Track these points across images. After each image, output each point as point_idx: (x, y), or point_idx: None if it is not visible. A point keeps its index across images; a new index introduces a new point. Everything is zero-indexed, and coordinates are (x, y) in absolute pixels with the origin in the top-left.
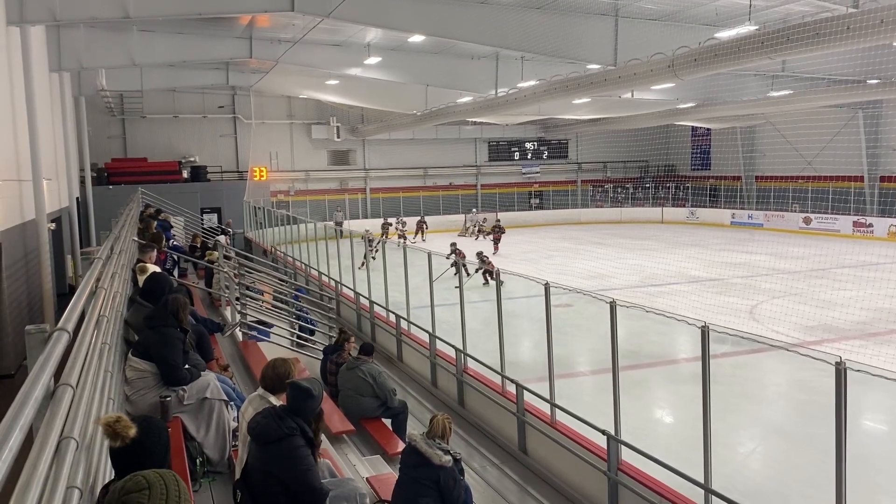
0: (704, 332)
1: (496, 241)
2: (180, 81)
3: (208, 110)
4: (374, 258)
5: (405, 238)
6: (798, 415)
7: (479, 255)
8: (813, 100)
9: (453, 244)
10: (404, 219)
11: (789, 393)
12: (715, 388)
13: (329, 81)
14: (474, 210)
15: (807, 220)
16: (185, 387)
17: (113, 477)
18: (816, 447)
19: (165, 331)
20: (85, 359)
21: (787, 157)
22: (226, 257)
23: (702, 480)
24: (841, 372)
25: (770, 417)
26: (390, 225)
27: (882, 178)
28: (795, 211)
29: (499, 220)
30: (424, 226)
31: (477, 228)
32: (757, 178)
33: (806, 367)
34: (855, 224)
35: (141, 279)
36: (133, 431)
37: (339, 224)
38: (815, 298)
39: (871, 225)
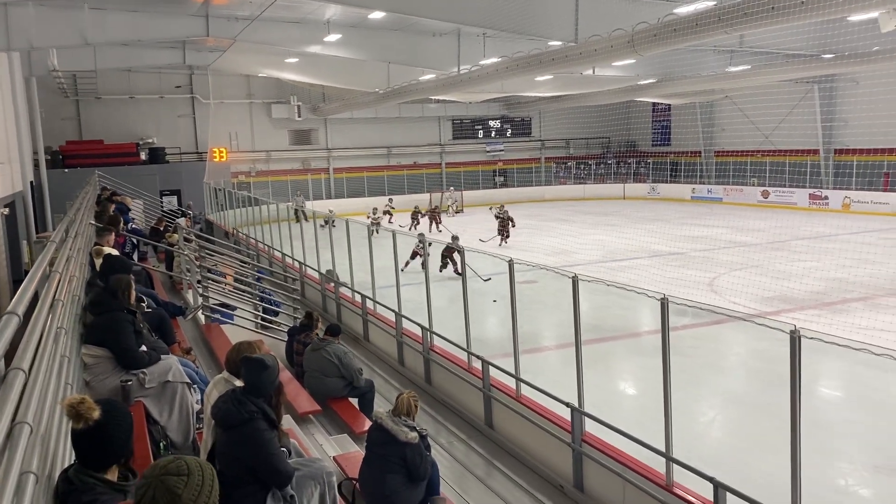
0: (664, 304)
1: (506, 233)
2: (135, 61)
3: (165, 90)
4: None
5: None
6: (757, 383)
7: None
8: (770, 74)
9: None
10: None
11: (748, 362)
12: (676, 360)
13: (288, 59)
14: (452, 188)
15: (765, 194)
16: (145, 370)
17: (74, 461)
18: (774, 414)
19: (111, 315)
20: (38, 343)
21: (745, 131)
22: (186, 240)
23: (663, 449)
24: (795, 340)
25: (730, 386)
26: (421, 213)
27: (836, 151)
28: (754, 185)
29: (502, 206)
30: (438, 217)
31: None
32: (716, 153)
33: (764, 337)
34: (811, 197)
35: (98, 262)
36: (97, 413)
37: (301, 208)
38: (772, 270)
39: (826, 197)
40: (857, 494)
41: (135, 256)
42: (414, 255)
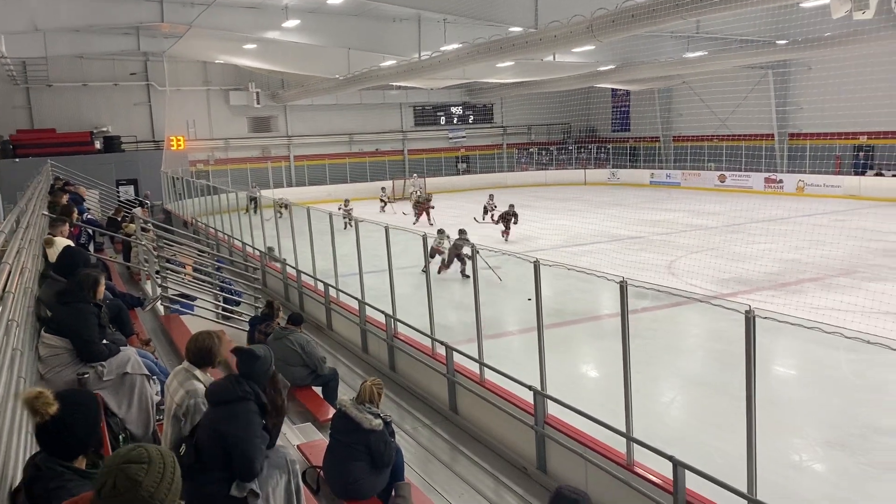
0: (623, 287)
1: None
2: (88, 47)
3: (119, 78)
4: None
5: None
6: (715, 363)
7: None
8: (725, 60)
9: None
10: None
11: (706, 343)
12: (636, 342)
13: (246, 46)
14: (415, 175)
15: (721, 178)
16: (103, 363)
17: (39, 450)
18: (730, 393)
19: (78, 306)
20: None
21: (702, 117)
22: (143, 230)
23: (624, 429)
24: (750, 319)
25: (688, 367)
26: (426, 199)
27: (790, 136)
28: (711, 169)
29: (493, 196)
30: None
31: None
32: (674, 138)
33: (722, 318)
34: (766, 180)
35: (50, 253)
36: (54, 409)
37: (255, 199)
38: (729, 252)
39: (781, 181)
40: (811, 469)
41: (91, 247)
42: (433, 252)
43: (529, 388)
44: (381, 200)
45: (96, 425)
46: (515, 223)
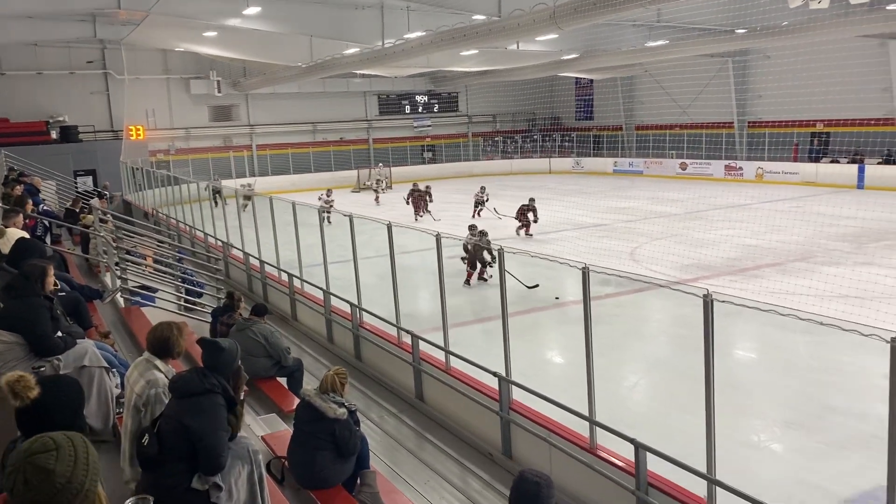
0: (585, 273)
1: (527, 222)
2: (42, 34)
3: (76, 66)
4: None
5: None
6: (676, 348)
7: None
8: (686, 49)
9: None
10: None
11: (669, 328)
12: (599, 327)
13: (207, 33)
14: (381, 164)
15: (683, 166)
16: (59, 356)
17: (19, 435)
18: (692, 377)
19: (28, 300)
20: None
21: (664, 105)
22: (101, 221)
23: (587, 413)
24: (708, 303)
25: (650, 352)
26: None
27: (750, 124)
28: (672, 157)
29: (484, 189)
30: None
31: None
32: (637, 126)
33: (684, 304)
34: (726, 168)
35: (1, 244)
36: (34, 393)
37: (218, 192)
38: (690, 239)
39: (740, 168)
40: (770, 449)
41: (47, 239)
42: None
43: (494, 374)
44: (375, 192)
45: (78, 410)
46: (536, 220)
